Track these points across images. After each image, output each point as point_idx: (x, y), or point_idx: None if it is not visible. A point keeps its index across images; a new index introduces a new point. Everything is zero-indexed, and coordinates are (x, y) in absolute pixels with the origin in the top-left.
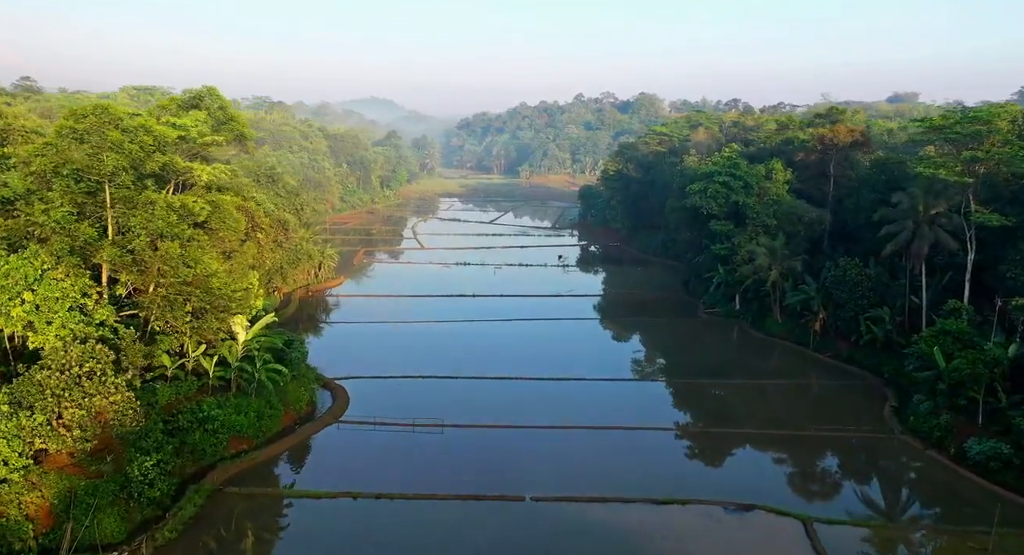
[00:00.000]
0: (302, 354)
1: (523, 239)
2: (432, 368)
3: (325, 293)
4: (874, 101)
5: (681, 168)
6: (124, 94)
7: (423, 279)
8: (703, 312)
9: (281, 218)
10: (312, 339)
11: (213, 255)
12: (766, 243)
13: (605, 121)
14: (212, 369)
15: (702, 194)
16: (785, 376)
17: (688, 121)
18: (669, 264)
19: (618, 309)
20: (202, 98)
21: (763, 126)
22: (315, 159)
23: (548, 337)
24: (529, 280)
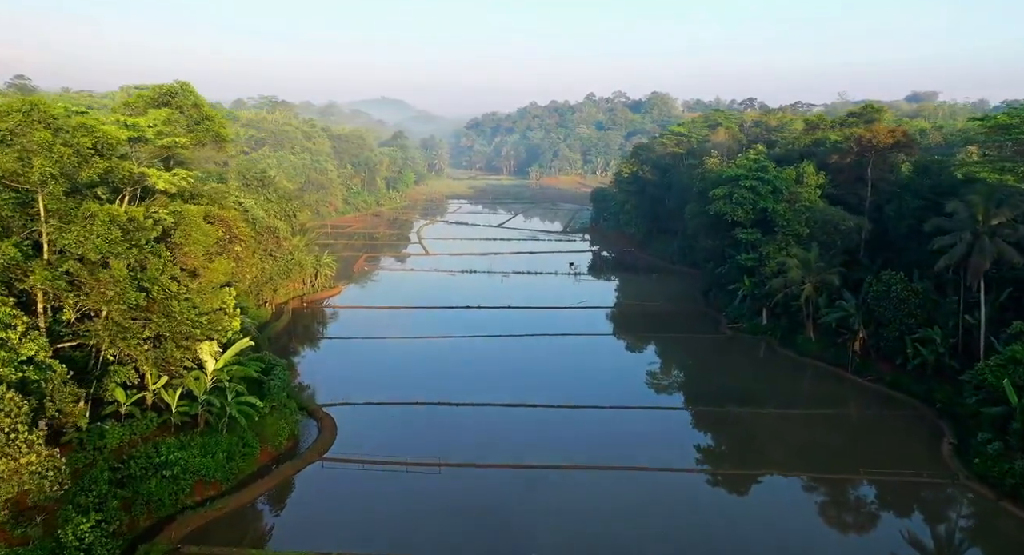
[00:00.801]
0: (283, 381)
1: (532, 244)
2: (431, 392)
3: (321, 303)
4: (893, 100)
5: (701, 171)
6: (123, 93)
7: (426, 288)
8: (726, 327)
9: (271, 225)
10: (302, 356)
11: (178, 273)
12: (799, 254)
13: (617, 121)
14: (175, 404)
15: (727, 200)
16: (823, 404)
17: (706, 121)
18: (687, 272)
19: (634, 323)
20: (174, 94)
21: (787, 126)
22: (318, 160)
23: (558, 356)
24: (538, 289)
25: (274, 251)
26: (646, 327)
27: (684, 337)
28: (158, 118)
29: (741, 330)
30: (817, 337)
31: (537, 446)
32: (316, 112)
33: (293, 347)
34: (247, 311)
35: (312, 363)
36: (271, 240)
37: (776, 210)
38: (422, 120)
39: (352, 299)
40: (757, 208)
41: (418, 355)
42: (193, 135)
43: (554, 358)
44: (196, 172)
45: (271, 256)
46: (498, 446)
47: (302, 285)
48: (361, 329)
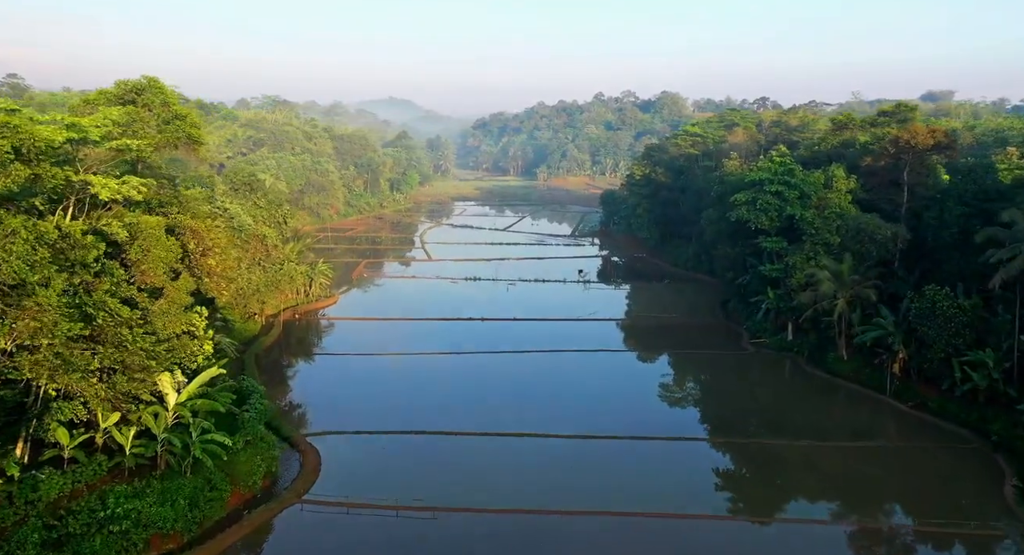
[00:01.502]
0: (261, 411)
1: (539, 249)
2: (428, 418)
3: (316, 314)
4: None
5: (720, 174)
6: None
7: (428, 297)
8: (748, 342)
9: (259, 233)
10: (290, 375)
11: (135, 294)
12: (830, 266)
13: (626, 121)
14: (129, 444)
15: (750, 206)
16: (862, 434)
17: (721, 121)
18: (703, 280)
19: (648, 337)
20: (140, 91)
21: (809, 126)
22: (319, 161)
23: (568, 375)
24: (546, 299)
25: (262, 261)
26: (662, 342)
27: (704, 354)
28: (108, 117)
29: (764, 345)
30: (850, 356)
31: (545, 485)
32: (321, 112)
33: (281, 365)
34: (232, 325)
35: (300, 383)
36: (259, 249)
37: (804, 217)
38: (429, 120)
39: (349, 309)
40: (783, 215)
41: (416, 374)
42: (162, 136)
43: (563, 378)
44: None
45: (259, 265)
46: (501, 485)
47: (295, 295)
48: (356, 343)
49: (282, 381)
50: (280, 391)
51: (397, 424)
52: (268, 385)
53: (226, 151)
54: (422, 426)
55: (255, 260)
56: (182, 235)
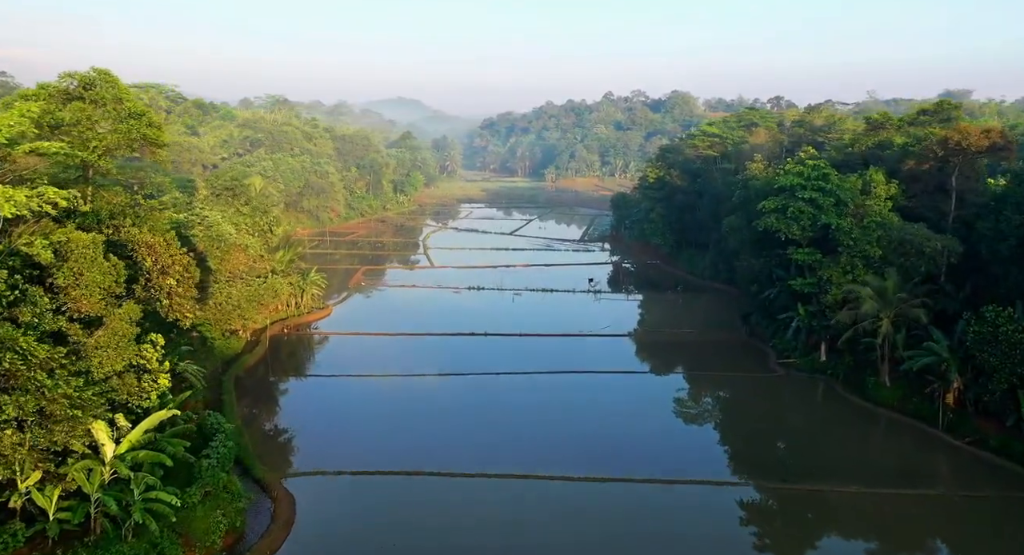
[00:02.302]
0: (224, 455)
1: (547, 255)
2: (421, 455)
3: (308, 327)
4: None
5: (743, 177)
6: None
7: (428, 308)
8: (775, 362)
9: (240, 243)
10: (271, 400)
11: (65, 325)
12: (872, 282)
13: (636, 120)
14: (53, 507)
15: (779, 214)
16: (914, 475)
17: (739, 120)
18: (721, 290)
19: (664, 356)
20: (90, 85)
21: (835, 125)
22: (318, 162)
23: (577, 402)
24: (554, 310)
25: (244, 274)
26: (680, 361)
27: (728, 376)
28: (26, 114)
29: (794, 367)
30: (893, 382)
31: (557, 546)
32: (325, 112)
33: (262, 388)
34: (211, 343)
35: (282, 410)
36: (240, 260)
37: (840, 227)
38: (437, 120)
39: (343, 322)
40: (817, 225)
41: (410, 400)
42: (114, 137)
43: (572, 405)
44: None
45: (240, 279)
46: (508, 549)
47: (285, 307)
48: (347, 363)
49: (262, 408)
50: (258, 420)
51: (386, 461)
52: (246, 412)
53: (221, 152)
54: (414, 463)
55: (235, 273)
56: (135, 251)
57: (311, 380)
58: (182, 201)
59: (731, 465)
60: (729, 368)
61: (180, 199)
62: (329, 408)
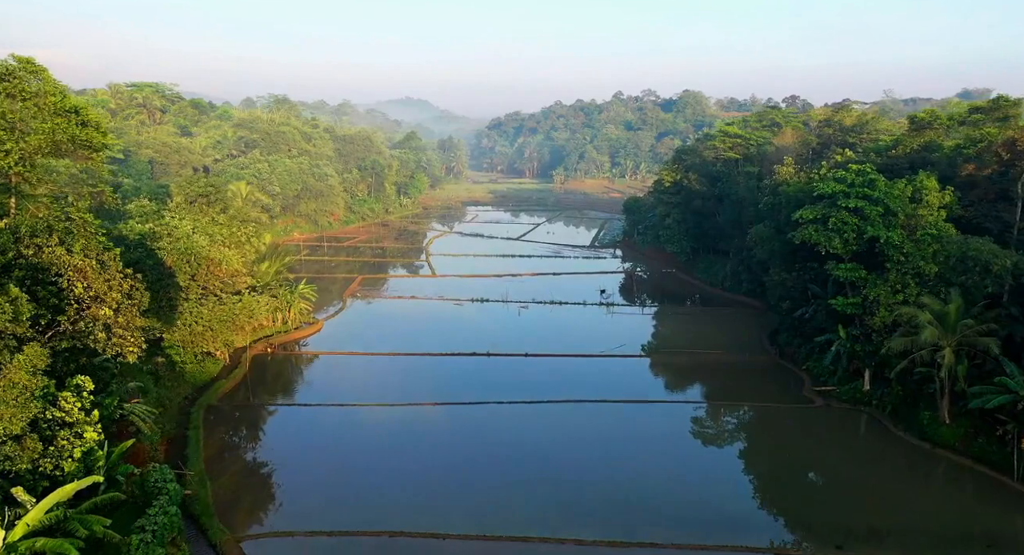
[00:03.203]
0: (165, 525)
1: (556, 263)
2: (412, 510)
3: (296, 345)
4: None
5: (771, 182)
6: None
7: (428, 323)
8: (810, 389)
9: (213, 257)
10: (244, 437)
11: None
12: (933, 306)
13: (647, 120)
14: None
15: (819, 226)
16: (996, 539)
17: (759, 120)
18: (744, 303)
19: (686, 380)
20: (7, 75)
21: (867, 126)
22: (317, 164)
23: (588, 439)
24: (563, 325)
25: (220, 290)
26: (705, 387)
27: (760, 407)
28: None
29: (832, 395)
30: (953, 419)
31: None
32: (329, 112)
33: (235, 421)
34: (182, 368)
35: (257, 448)
36: (212, 277)
37: (890, 240)
38: (444, 120)
39: (334, 339)
40: (863, 238)
41: (401, 436)
42: (35, 138)
43: (583, 442)
44: (38, 198)
45: (215, 296)
46: None
47: (271, 322)
48: (335, 388)
49: (234, 445)
50: (227, 462)
51: (370, 515)
52: (214, 451)
53: (214, 153)
54: (403, 519)
55: (212, 288)
56: (60, 277)
57: (293, 410)
58: (150, 209)
59: (775, 524)
60: (760, 396)
61: (147, 207)
62: (311, 445)
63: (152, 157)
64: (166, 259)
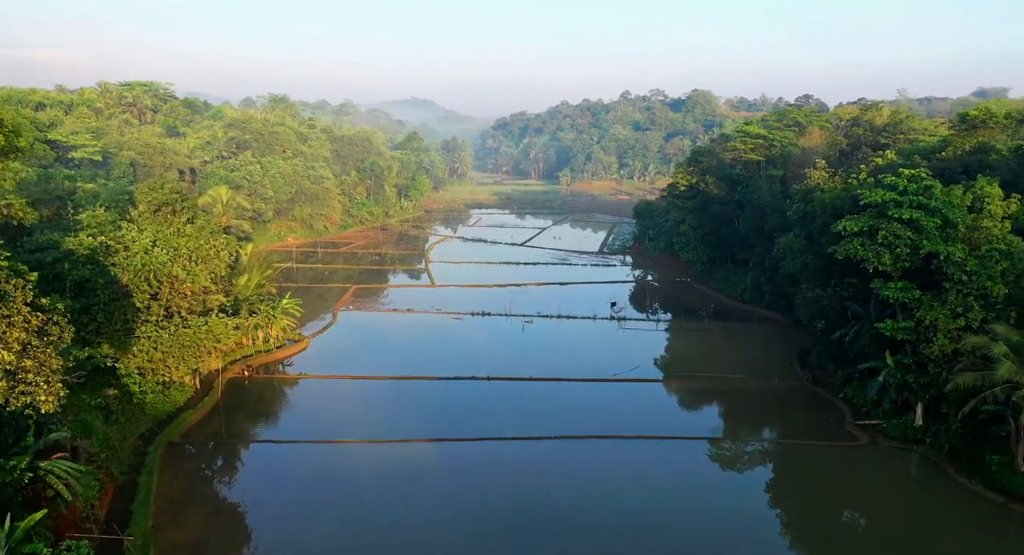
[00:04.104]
0: None
1: (563, 271)
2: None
3: (277, 366)
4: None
5: (802, 187)
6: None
7: (424, 339)
8: (852, 423)
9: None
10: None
11: None
12: (1010, 336)
13: (656, 120)
14: None
15: (866, 239)
16: None
17: (779, 119)
18: (766, 317)
19: (711, 410)
20: None
21: (900, 124)
22: (313, 166)
23: (601, 488)
24: (571, 342)
25: (184, 311)
26: (731, 419)
27: (796, 446)
28: None
29: (879, 430)
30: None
31: None
32: (331, 112)
33: (200, 461)
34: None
35: (219, 499)
36: (177, 296)
37: (950, 257)
38: (449, 120)
39: (320, 360)
40: (919, 253)
41: (390, 480)
42: None
43: (595, 485)
44: None
45: (180, 317)
46: None
47: (250, 341)
48: (316, 419)
49: (189, 495)
50: (178, 518)
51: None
52: (166, 502)
53: (202, 155)
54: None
55: (178, 308)
56: None
57: (266, 448)
58: (104, 220)
59: None
60: (796, 431)
61: (101, 217)
62: (283, 495)
63: (134, 159)
64: (121, 277)
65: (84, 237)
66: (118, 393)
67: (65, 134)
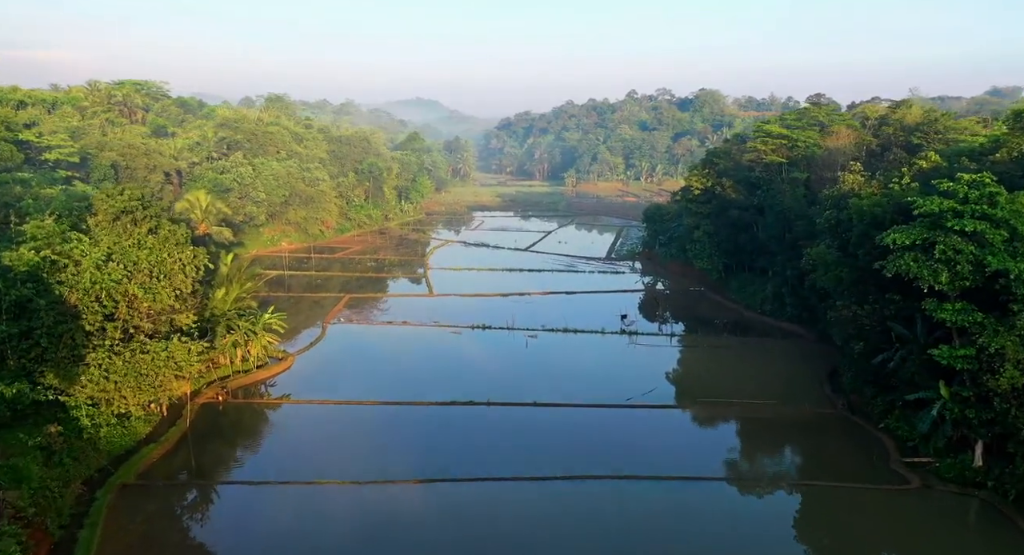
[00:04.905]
0: None
1: (569, 278)
2: None
3: (258, 388)
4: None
5: (834, 192)
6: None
7: (420, 355)
8: (897, 460)
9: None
10: (159, 541)
11: None
12: None
13: (663, 120)
14: None
15: (920, 254)
16: None
17: (799, 118)
18: (789, 331)
19: (735, 441)
20: None
21: (934, 124)
22: (308, 167)
23: (621, 533)
24: (578, 359)
25: (142, 335)
26: (759, 454)
27: (836, 489)
28: None
29: (933, 472)
30: None
31: None
32: (331, 112)
33: (155, 509)
34: (92, 434)
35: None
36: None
37: (1022, 275)
38: (453, 121)
39: (305, 380)
40: (985, 271)
41: (375, 531)
42: None
43: (610, 538)
44: None
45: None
46: None
47: (227, 361)
48: (295, 454)
49: (138, 553)
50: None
51: None
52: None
53: (191, 156)
54: None
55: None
56: None
57: (238, 492)
58: (51, 231)
59: None
60: (834, 470)
61: (47, 228)
62: (253, 549)
63: (115, 161)
64: (68, 296)
65: (25, 251)
66: (63, 429)
67: (37, 134)
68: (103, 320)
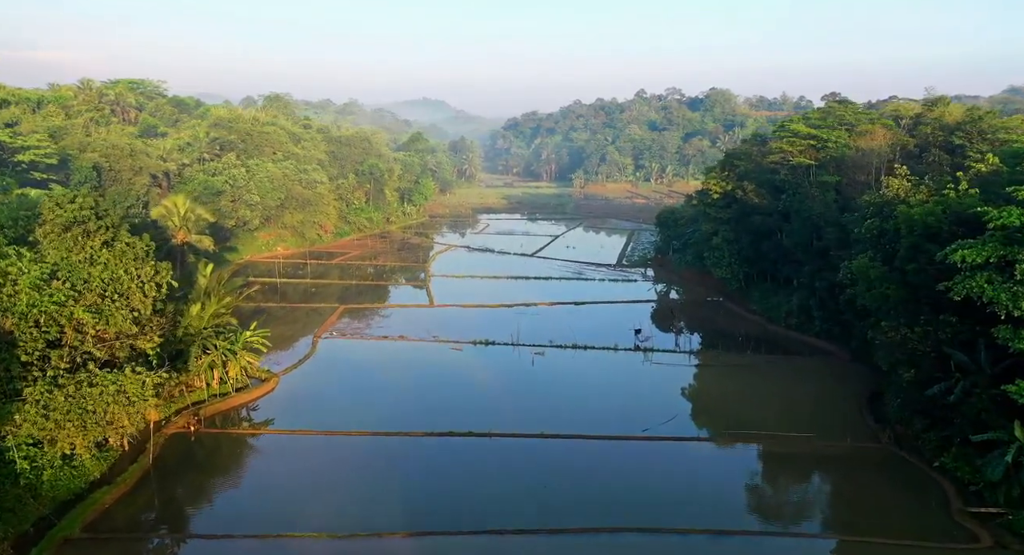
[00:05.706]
0: None
1: (578, 287)
2: None
3: (236, 415)
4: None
5: (877, 198)
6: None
7: (418, 374)
8: (960, 509)
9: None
10: None
11: None
12: None
13: (673, 120)
14: None
15: (996, 275)
16: None
17: (824, 117)
18: (818, 348)
19: (774, 487)
20: None
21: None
22: (305, 169)
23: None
24: (589, 379)
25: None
26: (801, 504)
27: (895, 547)
28: None
29: (1003, 525)
30: None
31: None
32: (333, 111)
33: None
34: (38, 477)
35: None
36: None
37: None
38: (459, 121)
39: (290, 405)
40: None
41: None
42: None
43: None
44: None
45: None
46: None
47: (202, 383)
48: (272, 501)
49: None
50: None
51: None
52: None
53: (181, 157)
54: None
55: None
56: None
57: (201, 547)
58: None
59: None
60: (886, 520)
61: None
62: None
63: (98, 162)
64: (2, 322)
65: None
66: None
67: (12, 134)
68: (45, 348)
